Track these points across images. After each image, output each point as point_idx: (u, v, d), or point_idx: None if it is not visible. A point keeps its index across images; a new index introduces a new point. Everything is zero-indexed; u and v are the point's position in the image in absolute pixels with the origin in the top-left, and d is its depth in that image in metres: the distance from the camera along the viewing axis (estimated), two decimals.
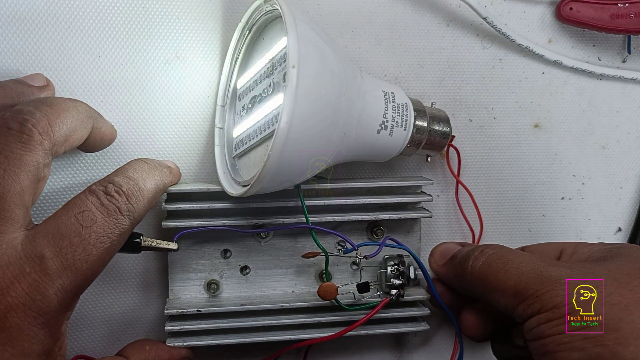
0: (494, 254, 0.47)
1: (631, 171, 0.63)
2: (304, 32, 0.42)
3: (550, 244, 0.52)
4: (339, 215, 0.53)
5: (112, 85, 0.53)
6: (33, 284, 0.37)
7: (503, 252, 0.47)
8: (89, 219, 0.39)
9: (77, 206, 0.40)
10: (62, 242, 0.38)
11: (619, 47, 0.62)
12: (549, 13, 0.60)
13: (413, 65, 0.58)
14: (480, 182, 0.60)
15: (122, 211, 0.41)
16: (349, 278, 0.55)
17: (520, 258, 0.45)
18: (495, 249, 0.48)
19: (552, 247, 0.51)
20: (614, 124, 0.62)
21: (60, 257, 0.38)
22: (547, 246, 0.52)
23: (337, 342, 0.57)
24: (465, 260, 0.48)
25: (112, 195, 0.41)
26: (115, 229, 0.41)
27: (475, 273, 0.47)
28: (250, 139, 0.49)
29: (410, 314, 0.54)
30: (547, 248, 0.52)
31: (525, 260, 0.45)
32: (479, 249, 0.48)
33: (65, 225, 0.39)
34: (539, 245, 0.53)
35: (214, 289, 0.53)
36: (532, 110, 0.61)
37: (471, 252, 0.48)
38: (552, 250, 0.51)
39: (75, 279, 0.38)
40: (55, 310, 0.38)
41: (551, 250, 0.51)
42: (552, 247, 0.52)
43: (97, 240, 0.39)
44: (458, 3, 0.57)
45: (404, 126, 0.50)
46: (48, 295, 0.37)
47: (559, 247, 0.51)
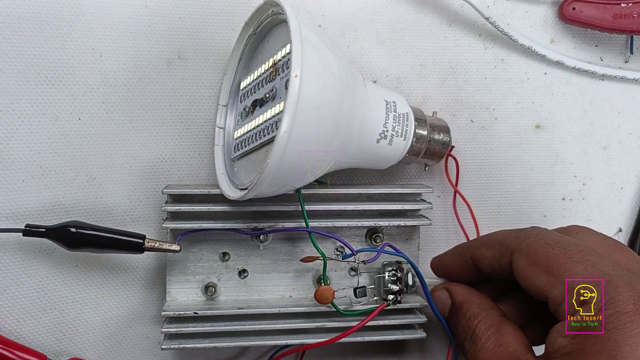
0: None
1: (632, 172, 0.63)
2: (308, 39, 0.41)
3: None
4: (339, 220, 0.52)
5: (114, 85, 0.53)
6: None
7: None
8: None
9: None
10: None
11: (621, 47, 0.61)
12: (552, 13, 0.59)
13: (415, 65, 0.58)
14: (481, 182, 0.60)
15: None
16: (347, 284, 0.54)
17: None
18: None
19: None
20: (615, 124, 0.62)
21: None
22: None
23: (334, 347, 0.57)
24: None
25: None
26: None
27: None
28: (250, 142, 0.49)
29: (407, 321, 0.54)
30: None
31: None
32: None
33: None
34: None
35: (211, 291, 0.53)
36: (534, 111, 0.60)
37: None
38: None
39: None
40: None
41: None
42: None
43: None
44: (460, 3, 0.57)
45: (404, 136, 0.50)
46: None
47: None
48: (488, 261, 0.48)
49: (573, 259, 0.41)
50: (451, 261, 0.52)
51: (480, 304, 0.48)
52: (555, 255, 0.42)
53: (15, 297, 0.52)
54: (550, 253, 0.43)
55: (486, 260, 0.48)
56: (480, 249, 0.49)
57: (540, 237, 0.45)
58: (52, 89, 0.51)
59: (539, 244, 0.44)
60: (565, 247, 0.43)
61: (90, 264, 0.53)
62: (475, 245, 0.50)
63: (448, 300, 0.50)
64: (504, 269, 0.46)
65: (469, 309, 0.48)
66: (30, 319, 0.53)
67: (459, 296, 0.50)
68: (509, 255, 0.45)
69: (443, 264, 0.53)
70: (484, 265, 0.49)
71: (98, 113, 0.53)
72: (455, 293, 0.50)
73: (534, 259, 0.43)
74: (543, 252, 0.43)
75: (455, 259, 0.52)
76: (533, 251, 0.44)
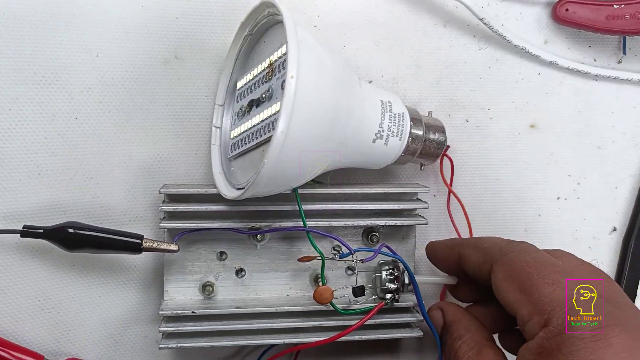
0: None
1: (626, 171, 0.63)
2: (304, 40, 0.41)
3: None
4: (335, 220, 0.53)
5: (111, 85, 0.53)
6: None
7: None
8: None
9: None
10: None
11: (614, 48, 0.62)
12: (545, 14, 0.60)
13: (410, 65, 0.58)
14: (476, 182, 0.60)
15: None
16: (344, 283, 0.55)
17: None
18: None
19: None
20: (609, 124, 0.62)
21: None
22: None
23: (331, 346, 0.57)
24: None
25: None
26: None
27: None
28: (246, 141, 0.49)
29: (403, 320, 0.54)
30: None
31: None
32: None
33: None
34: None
35: (209, 291, 0.53)
36: (528, 111, 0.61)
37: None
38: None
39: None
40: None
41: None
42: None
43: None
44: (455, 4, 0.57)
45: (400, 136, 0.50)
46: None
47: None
48: (472, 264, 0.49)
49: (545, 280, 0.42)
50: (442, 252, 0.53)
51: (466, 325, 0.49)
52: (529, 274, 0.43)
53: (13, 298, 0.52)
54: (525, 271, 0.43)
55: (471, 263, 0.49)
56: (468, 250, 0.49)
57: (523, 253, 0.45)
58: (48, 88, 0.51)
59: (518, 261, 0.44)
60: (541, 267, 0.43)
61: (87, 264, 0.53)
62: (466, 245, 0.50)
63: (441, 320, 0.51)
64: (484, 276, 0.47)
65: (455, 330, 0.49)
66: (28, 319, 0.53)
67: (450, 316, 0.50)
68: (490, 264, 0.46)
69: (435, 252, 0.54)
70: (467, 267, 0.49)
71: (95, 113, 0.53)
72: (446, 313, 0.51)
73: (510, 274, 0.44)
74: (520, 269, 0.44)
75: (445, 250, 0.53)
76: (511, 266, 0.44)
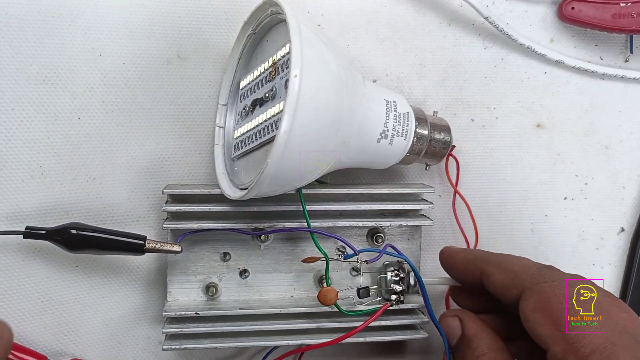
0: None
1: (634, 171, 0.63)
2: (308, 39, 0.41)
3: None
4: (340, 220, 0.52)
5: (114, 85, 0.53)
6: None
7: None
8: None
9: None
10: None
11: (621, 46, 0.61)
12: (551, 13, 0.59)
13: (415, 65, 0.58)
14: (482, 182, 0.60)
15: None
16: (348, 284, 0.54)
17: None
18: None
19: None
20: (616, 123, 0.62)
21: None
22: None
23: (336, 347, 0.57)
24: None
25: None
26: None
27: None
28: (250, 141, 0.48)
29: (408, 322, 0.54)
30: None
31: None
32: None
33: None
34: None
35: (212, 292, 0.52)
36: (534, 110, 0.60)
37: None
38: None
39: None
40: None
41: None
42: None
43: None
44: (460, 3, 0.57)
45: (405, 135, 0.50)
46: None
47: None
48: (497, 284, 0.47)
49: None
50: (460, 263, 0.51)
51: (490, 344, 0.47)
52: (564, 310, 0.41)
53: (16, 299, 0.52)
54: (561, 306, 0.41)
55: (496, 283, 0.47)
56: (493, 268, 0.47)
57: (557, 284, 0.43)
58: (51, 88, 0.51)
59: (553, 293, 0.43)
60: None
61: (90, 265, 0.53)
62: (490, 262, 0.48)
63: (458, 330, 0.49)
64: (510, 300, 0.45)
65: (478, 346, 0.47)
66: (31, 320, 0.53)
67: (471, 330, 0.48)
68: (520, 290, 0.44)
69: (451, 261, 0.52)
70: (490, 285, 0.47)
71: (98, 113, 0.52)
72: (467, 325, 0.49)
73: (544, 305, 0.42)
74: (555, 302, 0.42)
75: (464, 262, 0.51)
76: (545, 297, 0.43)
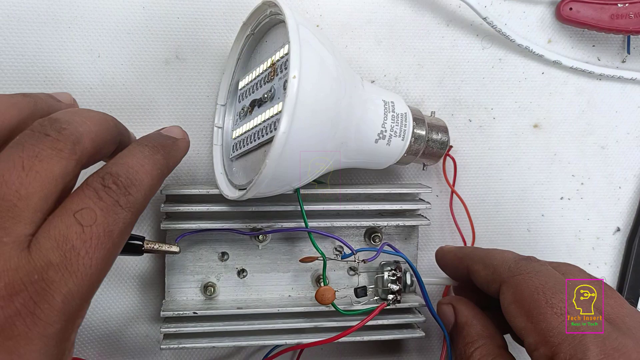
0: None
1: (630, 171, 0.63)
2: (307, 39, 0.41)
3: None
4: (337, 220, 0.53)
5: (112, 85, 0.53)
6: (40, 291, 0.34)
7: None
8: (88, 217, 0.37)
9: (76, 203, 0.37)
10: (65, 246, 0.35)
11: (618, 47, 0.61)
12: (549, 13, 0.59)
13: (413, 65, 0.58)
14: (479, 182, 0.60)
15: (121, 204, 0.38)
16: (346, 283, 0.55)
17: None
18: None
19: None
20: (613, 124, 0.62)
21: (65, 263, 0.35)
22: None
23: (333, 347, 0.57)
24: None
25: (109, 187, 0.38)
26: (116, 226, 0.37)
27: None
28: (248, 142, 0.49)
29: (405, 321, 0.54)
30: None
31: None
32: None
33: (67, 226, 0.36)
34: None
35: (210, 291, 0.53)
36: (532, 111, 0.60)
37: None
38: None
39: (82, 285, 0.36)
40: (63, 320, 0.35)
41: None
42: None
43: (99, 241, 0.37)
44: (458, 3, 0.57)
45: (402, 136, 0.50)
46: (55, 303, 0.35)
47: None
48: (481, 280, 0.48)
49: (554, 310, 0.41)
50: (451, 262, 0.52)
51: (480, 331, 0.47)
52: (537, 301, 0.42)
53: None
54: (533, 298, 0.42)
55: (479, 278, 0.48)
56: (477, 265, 0.48)
57: (531, 276, 0.44)
58: (50, 89, 0.51)
59: (526, 285, 0.43)
60: (549, 294, 0.42)
61: None
62: (475, 259, 0.49)
63: (452, 317, 0.50)
64: (493, 294, 0.46)
65: (468, 334, 0.47)
66: None
67: (463, 317, 0.49)
68: (498, 284, 0.45)
69: (444, 260, 0.53)
70: (476, 281, 0.48)
71: None
72: (459, 313, 0.49)
73: (518, 298, 0.43)
74: (528, 294, 0.42)
75: (454, 260, 0.52)
76: (519, 290, 0.43)
